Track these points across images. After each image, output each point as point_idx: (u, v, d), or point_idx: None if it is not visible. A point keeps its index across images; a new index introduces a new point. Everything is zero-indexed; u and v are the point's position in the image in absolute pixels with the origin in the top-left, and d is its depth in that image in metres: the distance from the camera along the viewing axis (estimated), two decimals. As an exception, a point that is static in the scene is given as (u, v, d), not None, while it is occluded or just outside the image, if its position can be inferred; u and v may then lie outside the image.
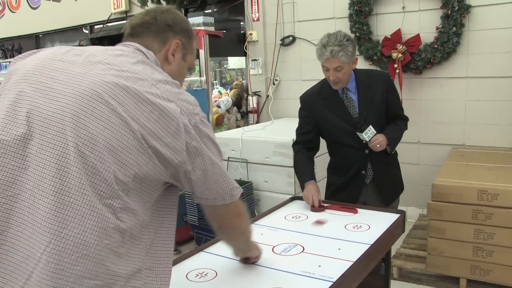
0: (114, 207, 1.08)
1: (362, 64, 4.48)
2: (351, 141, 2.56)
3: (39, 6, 7.69)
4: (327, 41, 2.42)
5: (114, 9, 6.51)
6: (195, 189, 1.28)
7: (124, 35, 1.36)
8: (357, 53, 2.52)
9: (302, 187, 2.56)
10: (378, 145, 2.47)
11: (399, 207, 2.68)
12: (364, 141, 2.49)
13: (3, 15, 8.38)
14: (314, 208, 2.40)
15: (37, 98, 1.10)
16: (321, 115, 2.62)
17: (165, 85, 1.18)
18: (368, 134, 2.45)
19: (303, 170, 2.62)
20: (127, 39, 1.33)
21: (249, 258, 1.74)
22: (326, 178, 2.82)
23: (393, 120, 2.67)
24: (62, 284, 1.02)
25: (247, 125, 5.15)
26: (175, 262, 1.79)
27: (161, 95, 1.15)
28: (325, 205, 2.44)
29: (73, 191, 1.04)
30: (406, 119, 2.75)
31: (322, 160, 2.87)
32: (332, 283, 1.58)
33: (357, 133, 2.48)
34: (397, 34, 4.27)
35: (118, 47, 1.28)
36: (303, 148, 2.70)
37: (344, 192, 2.65)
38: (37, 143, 1.07)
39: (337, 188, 2.71)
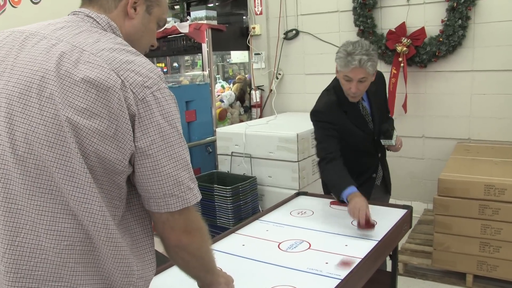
0: (67, 205, 1.01)
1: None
2: (368, 148, 2.54)
3: (40, 1, 7.65)
4: (353, 49, 2.20)
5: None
6: (137, 183, 1.08)
7: None
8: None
9: (338, 197, 2.24)
10: (399, 146, 2.51)
11: (404, 202, 2.66)
12: (387, 146, 2.52)
13: (4, 11, 8.34)
14: (361, 226, 1.99)
15: None
16: (343, 126, 2.41)
17: (110, 53, 1.04)
18: (395, 138, 2.47)
19: (341, 178, 2.26)
20: (84, 2, 1.20)
21: None
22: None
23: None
24: None
25: (250, 119, 5.11)
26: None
27: (100, 67, 1.01)
28: (375, 221, 2.03)
29: (18, 198, 1.00)
30: (389, 111, 2.80)
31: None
32: (340, 280, 1.56)
33: (382, 140, 2.48)
34: (402, 27, 4.22)
35: (64, 18, 1.16)
36: (335, 157, 2.34)
37: None
38: None
39: None
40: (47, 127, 0.99)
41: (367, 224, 1.97)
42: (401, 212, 2.22)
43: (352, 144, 2.49)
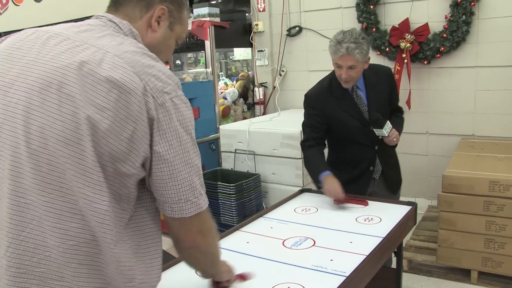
0: (76, 205, 1.00)
1: (370, 54, 4.42)
2: (362, 138, 2.54)
3: (43, -1, 7.64)
4: (342, 37, 2.35)
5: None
6: (153, 187, 1.10)
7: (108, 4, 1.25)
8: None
9: (316, 181, 2.48)
10: (395, 139, 2.45)
11: (408, 199, 2.65)
12: (380, 137, 2.46)
13: (6, 9, 8.34)
14: (338, 202, 2.33)
15: None
16: (332, 114, 2.54)
17: (133, 55, 1.05)
18: (387, 129, 2.42)
19: (317, 164, 2.51)
20: (109, 9, 1.22)
21: (219, 282, 1.46)
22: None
23: (393, 113, 2.67)
24: (26, 287, 1.00)
25: (254, 116, 5.11)
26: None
27: (123, 69, 1.02)
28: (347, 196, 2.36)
29: (28, 192, 1.00)
30: (403, 111, 2.77)
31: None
32: (345, 277, 1.55)
33: (374, 129, 2.44)
34: (405, 23, 4.20)
35: (87, 21, 1.17)
36: (313, 144, 2.59)
37: (351, 187, 2.60)
38: None
39: (344, 183, 2.66)
40: (64, 124, 0.99)
41: (344, 200, 2.32)
42: (406, 208, 2.22)
43: (344, 133, 2.56)
